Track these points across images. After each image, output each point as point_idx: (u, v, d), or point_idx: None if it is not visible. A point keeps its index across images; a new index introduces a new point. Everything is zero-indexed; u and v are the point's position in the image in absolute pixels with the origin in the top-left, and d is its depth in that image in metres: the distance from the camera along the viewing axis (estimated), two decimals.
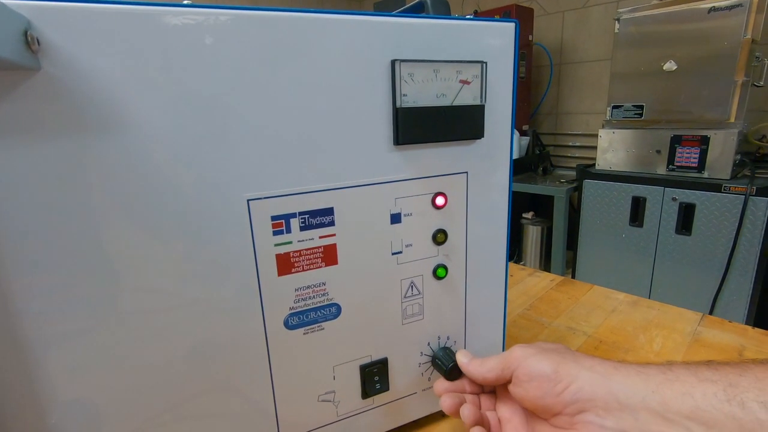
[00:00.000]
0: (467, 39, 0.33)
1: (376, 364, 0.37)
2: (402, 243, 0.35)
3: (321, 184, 0.31)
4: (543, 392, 0.29)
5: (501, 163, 0.37)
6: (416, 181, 0.34)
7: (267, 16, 0.27)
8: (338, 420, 0.37)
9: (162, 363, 0.29)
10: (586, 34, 2.18)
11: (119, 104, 0.24)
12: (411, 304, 0.37)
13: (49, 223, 0.24)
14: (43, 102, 0.23)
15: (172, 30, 0.25)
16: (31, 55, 0.21)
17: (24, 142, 0.23)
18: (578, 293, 0.70)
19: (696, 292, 1.52)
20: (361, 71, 0.30)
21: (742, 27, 1.33)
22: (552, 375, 0.29)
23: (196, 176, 0.27)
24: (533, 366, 0.30)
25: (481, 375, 0.33)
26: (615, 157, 1.67)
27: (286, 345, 0.33)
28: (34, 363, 0.26)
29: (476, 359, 0.34)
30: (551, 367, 0.29)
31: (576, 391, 0.28)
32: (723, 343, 0.54)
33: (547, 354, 0.30)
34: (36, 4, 0.21)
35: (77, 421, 0.27)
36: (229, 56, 0.26)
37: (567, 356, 0.30)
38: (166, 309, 0.28)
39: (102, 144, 0.24)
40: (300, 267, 0.32)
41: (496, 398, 0.35)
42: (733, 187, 1.38)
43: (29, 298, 0.25)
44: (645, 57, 1.53)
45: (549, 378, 0.29)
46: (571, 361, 0.29)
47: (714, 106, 1.43)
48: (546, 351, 0.31)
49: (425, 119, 0.32)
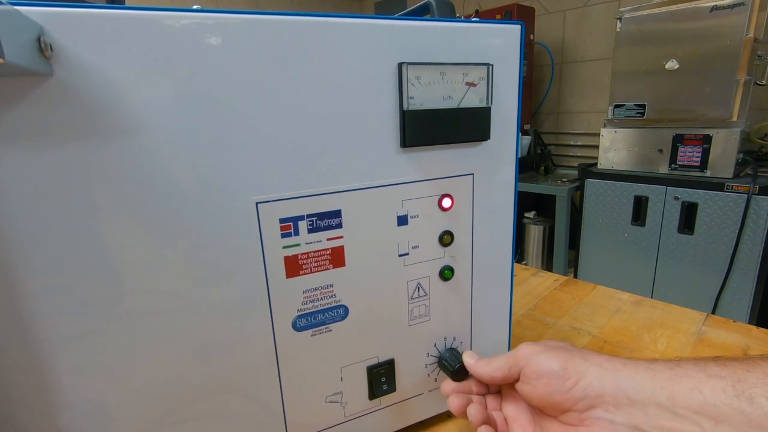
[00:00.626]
0: (473, 41, 0.33)
1: (383, 365, 0.37)
2: (409, 245, 0.35)
3: (328, 186, 0.31)
4: (552, 389, 0.29)
5: (507, 164, 0.38)
6: (423, 183, 0.34)
7: (275, 21, 0.27)
8: (345, 421, 0.37)
9: (171, 364, 0.29)
10: (587, 33, 2.18)
11: (130, 108, 0.24)
12: (417, 305, 0.37)
13: (61, 226, 0.24)
14: (55, 107, 0.23)
15: (182, 35, 0.25)
16: (44, 61, 0.21)
17: (36, 147, 0.23)
18: (582, 293, 0.70)
19: (698, 292, 1.52)
20: (368, 74, 0.30)
21: (745, 25, 1.33)
22: (560, 372, 0.29)
23: (205, 180, 0.27)
24: (541, 363, 0.30)
25: (488, 375, 0.33)
26: (617, 156, 1.67)
27: (294, 346, 0.33)
28: (44, 364, 0.26)
29: (483, 359, 0.34)
30: (559, 364, 0.29)
31: (585, 388, 0.28)
32: (727, 342, 0.54)
33: (555, 351, 0.30)
34: (49, 10, 0.22)
35: (87, 421, 0.28)
36: (238, 61, 0.26)
37: (575, 353, 0.30)
38: (175, 311, 0.28)
39: (112, 148, 0.25)
40: (308, 269, 0.32)
41: (501, 398, 0.35)
42: (736, 186, 1.38)
43: (39, 300, 0.25)
44: (647, 56, 1.53)
45: (557, 375, 0.29)
46: (579, 357, 0.29)
47: (716, 105, 1.42)
48: (553, 348, 0.31)
49: (432, 121, 0.32)
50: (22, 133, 0.23)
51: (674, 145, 1.51)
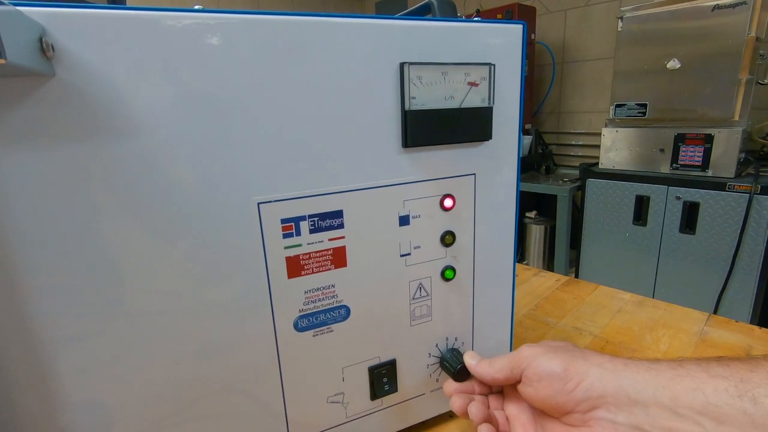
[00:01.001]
0: (475, 41, 0.33)
1: (384, 365, 0.37)
2: (410, 245, 0.35)
3: (330, 186, 0.31)
4: (554, 391, 0.29)
5: (509, 164, 0.37)
6: (425, 183, 0.34)
7: (275, 21, 0.27)
8: (347, 421, 0.37)
9: (172, 364, 0.29)
10: (588, 32, 2.17)
11: (131, 109, 0.24)
12: (419, 305, 0.37)
13: (62, 226, 0.24)
14: (57, 107, 0.23)
15: (183, 35, 0.25)
16: (46, 62, 0.21)
17: (38, 147, 0.23)
18: (584, 293, 0.70)
19: (700, 291, 1.52)
20: (370, 74, 0.30)
21: (747, 24, 1.32)
22: (562, 373, 0.29)
23: (206, 180, 0.27)
24: (543, 365, 0.30)
25: (490, 376, 0.33)
26: (618, 155, 1.66)
27: (296, 347, 0.33)
28: (45, 364, 0.26)
29: (484, 360, 0.34)
30: (561, 366, 0.29)
31: (587, 389, 0.28)
32: (730, 342, 0.54)
33: (556, 352, 0.30)
34: (50, 10, 0.22)
35: (88, 421, 0.28)
36: (239, 60, 0.26)
37: (576, 354, 0.30)
38: (176, 311, 0.28)
39: (114, 148, 0.25)
40: (309, 269, 0.32)
41: (504, 398, 0.35)
42: (738, 185, 1.37)
43: (40, 300, 0.25)
44: (648, 55, 1.52)
45: (559, 376, 0.29)
46: (580, 358, 0.29)
47: (718, 104, 1.42)
48: (554, 349, 0.31)
49: (434, 121, 0.32)
50: (24, 133, 0.23)
51: (676, 145, 1.51)
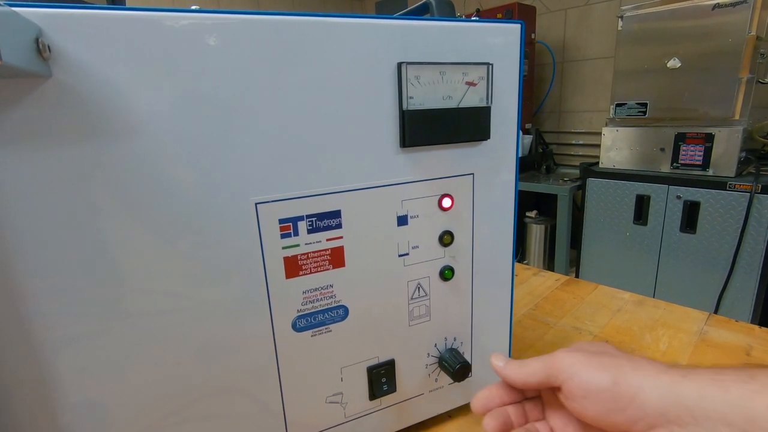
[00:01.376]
0: (473, 41, 0.33)
1: (383, 365, 0.37)
2: (409, 245, 0.35)
3: (328, 186, 0.31)
4: (606, 409, 0.25)
5: (507, 164, 0.37)
6: (423, 183, 0.34)
7: (274, 21, 0.27)
8: (346, 421, 0.37)
9: (171, 364, 0.29)
10: (588, 31, 2.17)
11: (128, 109, 0.24)
12: (418, 305, 0.37)
13: (61, 227, 0.24)
14: (54, 108, 0.23)
15: (181, 35, 0.25)
16: (43, 63, 0.21)
17: (35, 148, 0.23)
18: (583, 293, 0.70)
19: (701, 291, 1.51)
20: (368, 74, 0.30)
21: (747, 23, 1.32)
22: (612, 388, 0.25)
23: (204, 180, 0.27)
24: (588, 379, 0.25)
25: (521, 379, 0.29)
26: (619, 155, 1.66)
27: (294, 347, 0.33)
28: (45, 364, 0.26)
29: (513, 361, 0.30)
30: (609, 378, 0.25)
31: (643, 406, 0.24)
32: (730, 342, 0.54)
33: (600, 361, 0.26)
34: (47, 11, 0.22)
35: (88, 421, 0.28)
36: (237, 60, 0.26)
37: (622, 362, 0.26)
38: (175, 311, 0.28)
39: (111, 149, 0.25)
40: (307, 269, 0.32)
41: (543, 405, 0.31)
42: (738, 184, 1.37)
43: (40, 300, 0.25)
44: (648, 54, 1.52)
45: (609, 392, 0.25)
46: (629, 369, 0.25)
47: (718, 104, 1.42)
48: (595, 356, 0.27)
49: (432, 121, 0.32)
50: (22, 134, 0.23)
51: (676, 144, 1.51)
